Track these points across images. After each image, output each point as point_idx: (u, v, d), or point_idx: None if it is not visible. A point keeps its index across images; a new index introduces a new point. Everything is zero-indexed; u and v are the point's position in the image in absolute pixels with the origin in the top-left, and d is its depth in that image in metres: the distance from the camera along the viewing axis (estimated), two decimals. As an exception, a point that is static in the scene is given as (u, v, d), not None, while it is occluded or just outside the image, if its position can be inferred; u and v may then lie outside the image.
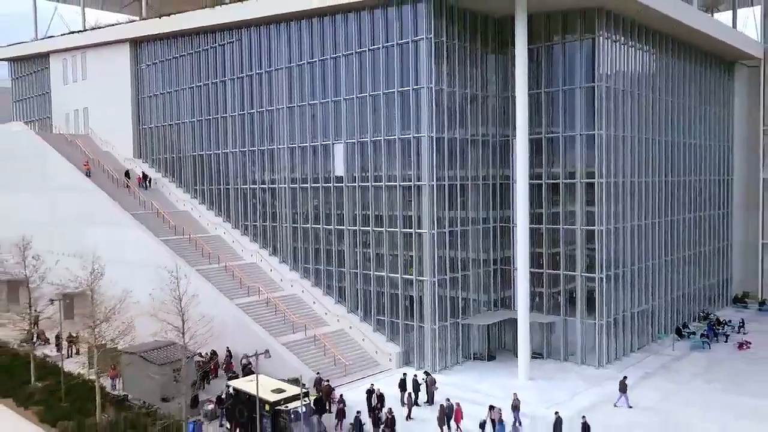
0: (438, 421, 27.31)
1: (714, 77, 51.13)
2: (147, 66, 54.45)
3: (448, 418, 27.36)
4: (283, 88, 43.19)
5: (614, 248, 38.12)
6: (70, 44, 61.58)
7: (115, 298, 31.04)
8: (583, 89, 36.89)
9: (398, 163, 36.92)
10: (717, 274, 52.10)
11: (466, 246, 38.23)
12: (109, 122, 58.02)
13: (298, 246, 43.21)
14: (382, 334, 38.19)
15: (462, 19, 37.19)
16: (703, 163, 49.98)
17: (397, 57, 36.61)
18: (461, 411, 27.67)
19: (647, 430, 27.84)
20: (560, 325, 38.16)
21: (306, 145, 42.03)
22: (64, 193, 51.25)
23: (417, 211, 36.33)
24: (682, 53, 46.04)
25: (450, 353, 37.05)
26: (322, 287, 41.50)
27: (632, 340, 40.02)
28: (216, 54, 48.29)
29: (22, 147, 56.46)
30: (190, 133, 51.18)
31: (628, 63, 39.84)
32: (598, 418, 28.44)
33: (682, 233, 47.08)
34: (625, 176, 39.23)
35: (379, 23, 37.45)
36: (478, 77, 38.50)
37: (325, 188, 41.20)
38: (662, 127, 44.08)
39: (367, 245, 39.16)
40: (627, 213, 39.52)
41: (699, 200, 49.52)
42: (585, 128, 36.91)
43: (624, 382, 31.00)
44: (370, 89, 38.02)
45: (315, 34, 40.98)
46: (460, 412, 27.56)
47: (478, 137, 38.63)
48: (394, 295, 37.68)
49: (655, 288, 43.03)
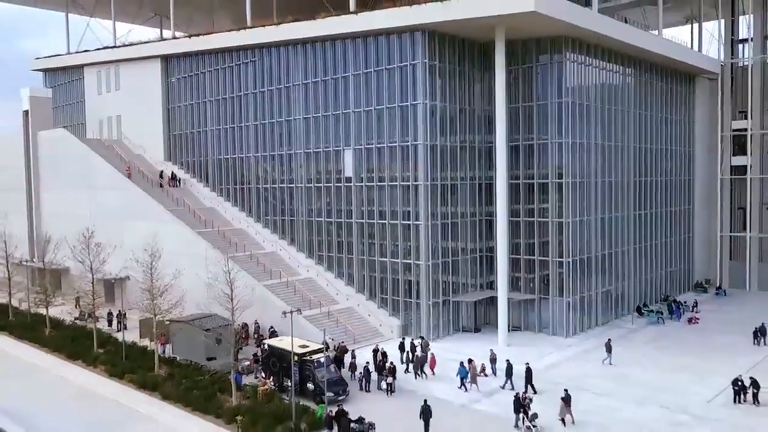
0: (413, 368, 34.57)
1: (677, 89, 58.17)
2: (177, 79, 61.51)
3: (422, 365, 34.56)
4: (300, 101, 50.24)
5: (580, 237, 45.21)
6: (104, 58, 68.79)
7: (168, 276, 38.12)
8: (554, 104, 43.95)
9: (398, 166, 43.98)
10: (680, 262, 59.17)
11: (456, 236, 45.27)
12: (141, 129, 65.06)
13: (313, 237, 50.31)
14: (385, 310, 45.29)
15: (452, 45, 44.21)
16: (667, 165, 57.06)
17: (397, 77, 43.67)
18: (435, 360, 34.87)
19: (597, 379, 34.90)
20: (536, 302, 45.23)
21: (320, 151, 49.11)
22: (105, 192, 58.40)
23: (414, 206, 43.38)
24: (645, 70, 53.12)
25: (442, 326, 44.10)
26: (334, 272, 48.59)
27: (597, 316, 47.14)
28: (239, 71, 55.33)
29: (65, 151, 63.57)
30: (216, 139, 58.25)
31: (593, 81, 46.96)
32: (560, 371, 35.56)
33: (648, 226, 54.20)
34: (590, 177, 46.30)
35: (382, 48, 44.50)
36: (466, 93, 45.51)
37: (336, 187, 48.26)
38: (628, 134, 51.19)
39: (372, 236, 46.22)
40: (592, 208, 46.60)
41: (663, 197, 56.58)
42: (556, 137, 43.96)
43: (609, 343, 38.03)
44: (374, 104, 45.08)
45: (327, 55, 48.03)
46: (434, 361, 34.74)
47: (466, 144, 45.66)
48: (395, 277, 44.76)
49: (620, 272, 50.15)
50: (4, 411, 32.05)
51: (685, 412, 29.93)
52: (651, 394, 32.35)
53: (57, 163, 65.03)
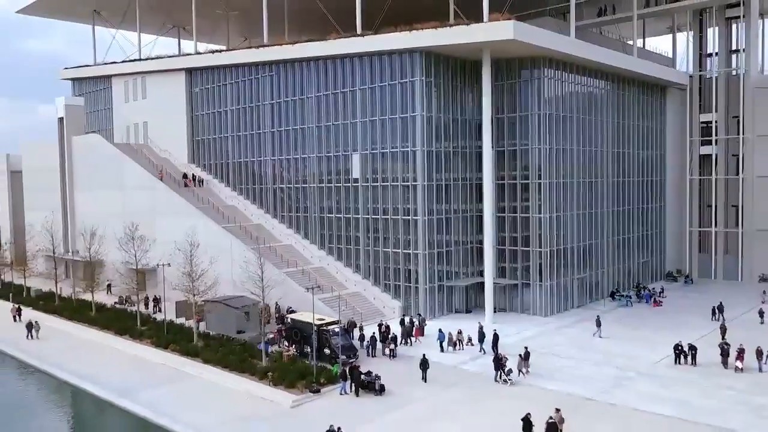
0: (401, 335, 41.44)
1: (650, 99, 64.90)
2: (200, 90, 68.31)
3: (409, 335, 41.42)
4: (313, 111, 56.98)
5: (558, 231, 51.95)
6: (131, 69, 75.69)
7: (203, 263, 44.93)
8: (534, 115, 50.65)
9: (399, 169, 50.72)
10: (652, 254, 65.92)
11: (449, 230, 51.96)
12: (166, 134, 71.84)
13: (324, 231, 57.06)
14: (387, 293, 52.07)
15: (445, 64, 50.88)
16: (641, 167, 63.81)
17: (398, 92, 50.40)
18: (420, 329, 41.73)
19: (563, 347, 41.67)
20: (518, 287, 51.98)
21: (330, 155, 55.87)
22: (136, 192, 65.21)
23: (413, 204, 50.09)
24: (620, 82, 59.84)
25: (437, 307, 50.81)
26: (343, 261, 55.35)
27: (573, 299, 53.90)
28: (257, 83, 62.06)
29: (98, 154, 70.40)
30: (235, 144, 65.01)
31: (570, 93, 53.69)
32: (534, 341, 42.33)
33: (623, 221, 61.01)
34: (566, 178, 53.02)
35: (385, 66, 51.22)
36: (458, 105, 52.20)
37: (344, 187, 55.01)
38: (606, 140, 58.03)
39: (376, 230, 52.97)
40: (568, 204, 53.33)
41: (638, 196, 63.36)
42: (536, 143, 50.65)
43: (598, 319, 44.80)
44: (378, 114, 51.82)
45: (337, 72, 54.75)
46: (419, 330, 41.54)
47: (458, 149, 52.36)
48: (396, 266, 51.50)
49: (596, 262, 56.92)
50: (82, 375, 39.03)
51: (633, 371, 36.65)
52: (607, 359, 39.08)
53: (90, 165, 71.81)
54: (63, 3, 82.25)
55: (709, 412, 30.20)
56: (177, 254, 45.72)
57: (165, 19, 79.64)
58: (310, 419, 30.29)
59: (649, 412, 30.39)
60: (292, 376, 35.20)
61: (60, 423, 34.51)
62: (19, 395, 38.43)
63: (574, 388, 33.81)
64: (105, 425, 34.35)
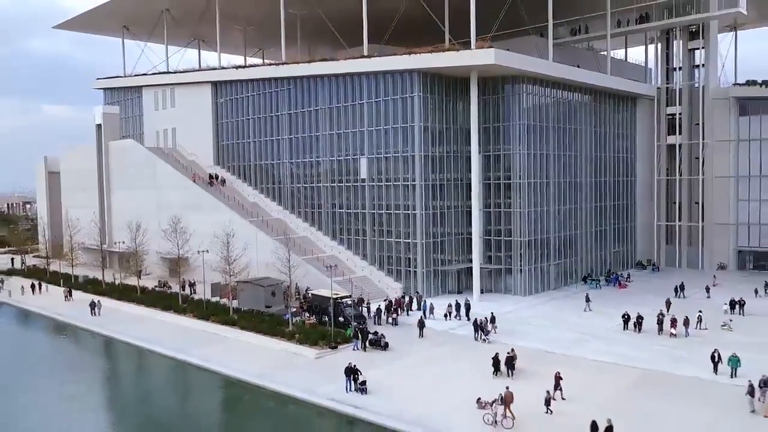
0: (385, 310, 50.13)
1: (622, 108, 73.72)
2: (224, 101, 77.26)
3: (388, 310, 50.17)
4: (325, 121, 65.83)
5: (536, 223, 60.77)
6: (161, 81, 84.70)
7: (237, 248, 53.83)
8: (516, 124, 59.47)
9: (400, 171, 59.52)
10: (624, 245, 74.75)
11: (443, 223, 60.72)
12: (193, 139, 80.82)
13: (335, 224, 65.92)
14: (391, 277, 60.91)
15: (439, 81, 59.61)
16: (614, 168, 72.63)
17: (399, 105, 59.22)
18: (401, 302, 50.70)
19: (537, 319, 50.47)
20: (502, 272, 60.80)
21: (341, 158, 64.73)
22: (169, 190, 74.17)
23: (412, 201, 58.87)
24: (595, 94, 68.64)
25: (433, 289, 59.58)
26: (353, 250, 64.20)
27: (550, 282, 62.70)
28: (276, 96, 70.94)
29: (133, 157, 79.47)
30: (256, 149, 73.90)
31: (548, 105, 62.48)
32: (512, 315, 51.18)
33: (599, 215, 69.95)
34: (543, 178, 61.82)
35: (388, 83, 60.02)
36: (450, 116, 60.92)
37: (353, 186, 63.82)
38: (583, 145, 66.89)
39: (380, 223, 61.79)
40: (546, 201, 62.13)
41: (612, 194, 72.22)
42: (517, 148, 59.46)
43: (588, 296, 53.62)
44: (382, 124, 60.64)
45: (347, 87, 63.58)
46: (398, 302, 50.52)
47: (451, 153, 61.12)
48: (398, 255, 60.33)
49: (573, 251, 65.72)
50: (143, 339, 48.19)
51: (589, 335, 45.43)
52: (570, 326, 47.90)
53: (126, 167, 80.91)
54: (95, 19, 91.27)
55: (639, 360, 39.00)
56: (215, 242, 54.66)
57: (187, 32, 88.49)
58: (331, 365, 39.17)
59: (595, 360, 39.22)
60: (315, 336, 44.15)
61: (137, 371, 43.76)
62: (98, 355, 47.86)
63: (539, 345, 42.67)
64: (171, 371, 43.27)
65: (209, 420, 34.49)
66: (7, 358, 47.93)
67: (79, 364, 46.05)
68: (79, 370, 43.88)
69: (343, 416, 32.44)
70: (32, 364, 46.34)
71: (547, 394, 31.01)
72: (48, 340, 55.01)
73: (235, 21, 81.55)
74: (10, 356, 48.85)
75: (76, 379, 41.38)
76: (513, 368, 36.11)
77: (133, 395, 39.53)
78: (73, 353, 50.10)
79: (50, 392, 38.63)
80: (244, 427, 33.00)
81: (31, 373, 43.04)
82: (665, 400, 32.18)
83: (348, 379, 34.90)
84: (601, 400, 31.82)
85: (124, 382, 42.91)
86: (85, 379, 41.65)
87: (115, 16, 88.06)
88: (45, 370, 44.01)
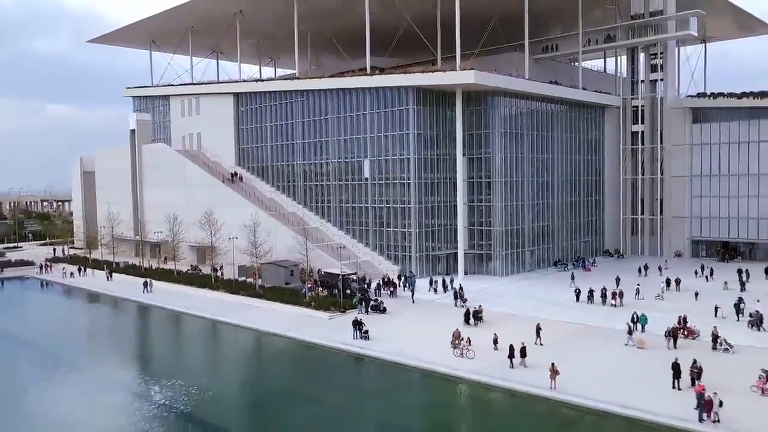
0: (383, 284, 61.19)
1: (592, 116, 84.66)
2: (245, 109, 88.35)
3: (386, 284, 61.09)
4: (333, 128, 76.87)
5: (513, 216, 71.77)
6: (188, 91, 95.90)
7: (261, 235, 64.94)
8: (495, 132, 70.47)
9: (398, 171, 70.49)
10: (593, 235, 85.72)
11: (434, 215, 71.69)
12: (216, 143, 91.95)
13: (342, 217, 76.97)
14: (389, 261, 71.93)
15: (431, 95, 70.53)
16: (585, 169, 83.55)
17: (396, 115, 70.21)
18: (391, 279, 61.86)
19: (510, 292, 61.47)
20: (483, 256, 71.82)
21: (347, 160, 75.76)
22: (199, 188, 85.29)
23: (408, 197, 69.84)
24: (567, 104, 79.60)
25: (425, 270, 70.53)
26: (357, 238, 75.25)
27: (525, 266, 73.74)
28: (291, 106, 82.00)
29: (165, 159, 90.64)
30: (273, 151, 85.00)
31: (522, 115, 73.50)
32: (489, 290, 62.21)
33: (572, 209, 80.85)
34: (519, 177, 72.83)
35: (387, 97, 71.01)
36: (440, 124, 71.81)
37: (358, 184, 74.82)
38: (558, 149, 77.87)
39: (381, 216, 72.78)
40: (521, 196, 73.14)
41: (584, 190, 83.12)
42: (496, 152, 70.45)
43: (573, 274, 64.61)
44: (383, 131, 71.63)
45: (352, 100, 74.60)
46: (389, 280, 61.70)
47: (440, 156, 72.05)
48: (395, 243, 71.34)
49: (545, 239, 76.71)
50: (188, 308, 59.53)
51: (548, 303, 56.39)
52: (535, 297, 58.87)
53: (157, 167, 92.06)
54: (126, 35, 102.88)
55: (583, 319, 50.00)
56: (243, 231, 65.83)
57: (207, 45, 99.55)
58: (341, 323, 50.23)
59: (550, 319, 50.14)
60: (327, 303, 55.32)
61: (194, 329, 55.74)
62: (162, 319, 59.61)
63: (507, 309, 53.73)
64: (217, 329, 54.54)
65: (257, 356, 46.07)
66: (104, 321, 62.30)
67: (157, 326, 59.36)
68: (160, 328, 57.55)
69: (353, 354, 43.61)
70: (127, 328, 59.37)
71: (494, 336, 42.09)
72: (117, 312, 65.85)
73: (252, 35, 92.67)
74: (106, 321, 62.52)
75: (164, 333, 54.17)
76: (479, 319, 47.19)
77: (200, 341, 52.47)
78: (147, 320, 61.61)
79: (159, 340, 50.13)
80: (281, 359, 44.46)
81: (131, 333, 56.89)
82: (585, 341, 43.62)
83: (355, 329, 46.02)
84: (544, 342, 42.85)
85: (189, 334, 55.42)
86: (168, 332, 55.80)
87: (144, 32, 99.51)
88: (133, 333, 56.39)
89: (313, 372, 41.50)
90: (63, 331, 57.22)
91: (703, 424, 29.06)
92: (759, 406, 31.19)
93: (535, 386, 34.87)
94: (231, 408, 35.52)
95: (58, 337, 54.48)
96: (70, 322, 62.22)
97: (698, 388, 30.81)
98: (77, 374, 43.08)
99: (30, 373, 43.29)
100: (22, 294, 78.41)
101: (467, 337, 41.36)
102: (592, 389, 33.91)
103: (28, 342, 52.77)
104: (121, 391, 38.99)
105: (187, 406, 34.96)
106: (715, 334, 41.51)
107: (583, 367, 37.75)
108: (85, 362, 46.14)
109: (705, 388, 30.43)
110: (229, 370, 44.09)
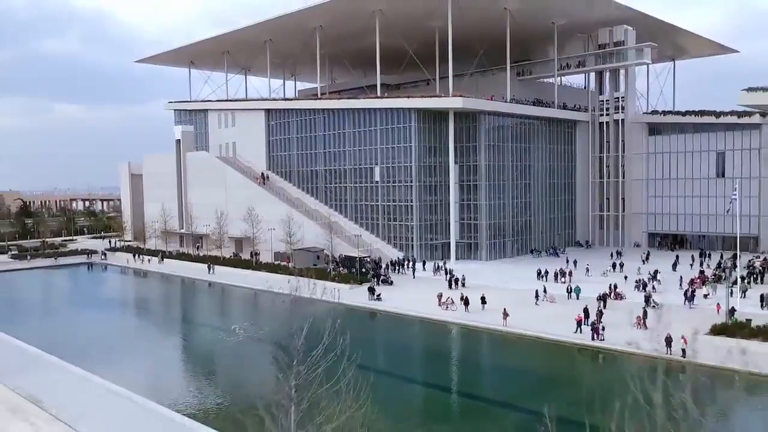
0: (373, 264, 78.07)
1: (565, 129, 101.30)
2: (275, 123, 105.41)
3: (393, 265, 77.99)
4: (349, 140, 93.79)
5: (497, 212, 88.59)
6: (224, 106, 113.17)
7: (293, 227, 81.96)
8: (481, 144, 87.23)
9: (403, 175, 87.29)
10: (566, 228, 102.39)
11: (433, 212, 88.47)
12: (249, 151, 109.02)
13: (357, 213, 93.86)
14: (396, 248, 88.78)
15: (430, 114, 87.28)
16: (561, 173, 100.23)
17: (402, 131, 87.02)
18: (398, 260, 78.76)
19: (490, 271, 78.22)
20: (472, 245, 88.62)
21: (361, 167, 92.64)
22: (237, 189, 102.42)
23: (411, 196, 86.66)
24: (544, 120, 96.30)
25: (424, 256, 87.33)
26: (369, 231, 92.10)
27: (506, 253, 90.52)
28: (314, 121, 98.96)
29: (206, 164, 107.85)
30: (299, 159, 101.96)
31: (505, 129, 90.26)
32: (475, 270, 79.06)
33: (550, 206, 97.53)
34: (501, 180, 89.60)
35: (394, 116, 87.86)
36: (437, 138, 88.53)
37: (370, 186, 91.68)
38: (535, 157, 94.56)
39: (389, 212, 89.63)
40: (502, 196, 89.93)
41: (559, 191, 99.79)
42: (482, 160, 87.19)
43: (566, 256, 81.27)
44: (390, 143, 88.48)
45: (365, 117, 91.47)
46: (396, 261, 78.61)
47: (437, 164, 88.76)
48: (401, 232, 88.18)
49: (525, 231, 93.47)
50: (239, 282, 76.87)
51: (517, 279, 73.02)
52: (510, 275, 75.50)
53: (199, 171, 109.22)
54: (169, 58, 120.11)
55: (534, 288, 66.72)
56: (280, 224, 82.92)
57: (237, 64, 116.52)
58: (359, 291, 67.16)
59: (512, 288, 66.71)
60: (348, 278, 72.28)
61: (248, 296, 72.56)
62: (232, 292, 76.88)
63: (485, 282, 70.41)
64: (266, 296, 71.58)
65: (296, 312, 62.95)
66: (194, 296, 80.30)
67: (230, 298, 76.52)
68: (235, 298, 74.17)
69: (368, 309, 60.66)
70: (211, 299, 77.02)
71: (465, 297, 58.91)
72: (190, 288, 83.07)
73: (278, 56, 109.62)
74: (195, 297, 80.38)
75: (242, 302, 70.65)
76: (463, 285, 64.12)
77: (262, 305, 68.79)
78: (221, 293, 79.01)
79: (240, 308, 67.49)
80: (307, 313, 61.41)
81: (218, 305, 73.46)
82: (527, 302, 60.08)
83: (370, 294, 63.04)
84: (504, 303, 59.56)
85: (248, 300, 72.27)
86: (240, 297, 71.33)
87: (185, 55, 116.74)
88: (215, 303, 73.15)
89: (342, 320, 58.40)
90: (188, 306, 76.10)
91: (593, 341, 45.90)
92: (633, 333, 47.90)
93: (493, 324, 51.79)
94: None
95: (186, 309, 73.17)
96: (183, 299, 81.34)
97: (577, 318, 47.89)
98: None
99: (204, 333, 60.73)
100: (109, 276, 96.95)
101: (450, 297, 58.27)
102: (529, 325, 50.75)
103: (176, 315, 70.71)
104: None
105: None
106: (647, 296, 57.67)
107: (525, 314, 54.58)
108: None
109: (582, 318, 47.52)
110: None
